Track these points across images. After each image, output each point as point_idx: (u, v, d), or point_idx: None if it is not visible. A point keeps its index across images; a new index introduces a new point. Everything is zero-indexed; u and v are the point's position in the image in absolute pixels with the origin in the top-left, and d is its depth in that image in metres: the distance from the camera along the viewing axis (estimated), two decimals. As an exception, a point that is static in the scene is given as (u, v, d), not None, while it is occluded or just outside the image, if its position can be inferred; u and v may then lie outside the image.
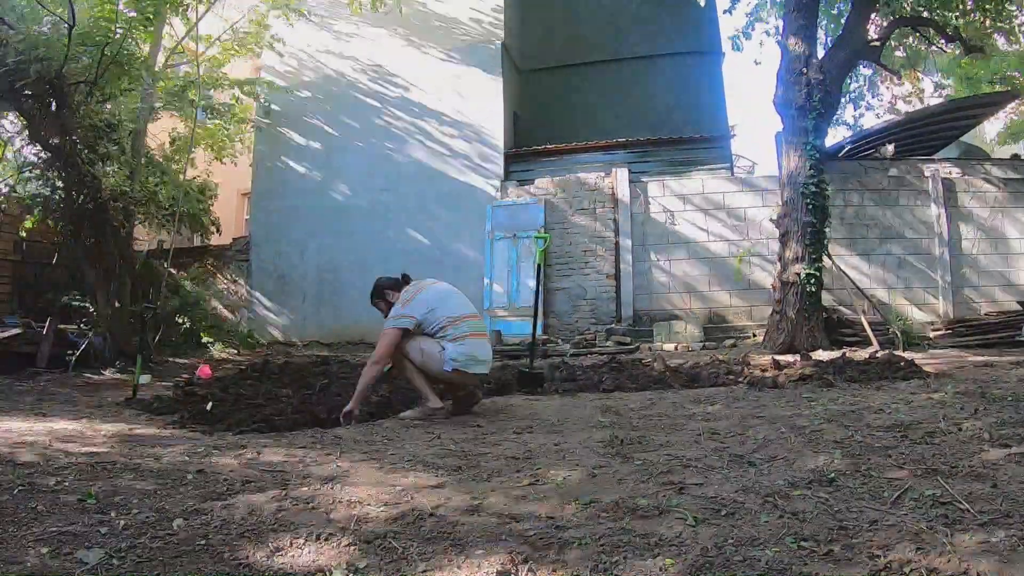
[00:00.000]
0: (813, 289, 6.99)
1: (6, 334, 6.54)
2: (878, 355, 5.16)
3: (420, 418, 3.81)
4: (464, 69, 10.70)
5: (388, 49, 11.08)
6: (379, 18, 10.90)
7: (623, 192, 9.43)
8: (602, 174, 9.71)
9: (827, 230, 7.32)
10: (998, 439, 2.49)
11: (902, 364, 4.67)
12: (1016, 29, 10.17)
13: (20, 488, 2.17)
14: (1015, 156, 9.67)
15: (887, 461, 2.32)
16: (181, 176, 9.79)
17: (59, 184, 7.35)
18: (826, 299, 7.57)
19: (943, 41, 9.24)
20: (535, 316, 5.62)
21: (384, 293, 4.08)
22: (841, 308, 7.95)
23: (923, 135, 9.36)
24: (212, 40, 10.19)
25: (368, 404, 4.11)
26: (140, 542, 1.78)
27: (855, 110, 11.85)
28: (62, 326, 7.03)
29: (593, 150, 10.36)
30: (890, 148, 8.85)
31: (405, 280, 4.12)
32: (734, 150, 12.30)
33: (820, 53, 7.77)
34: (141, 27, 6.98)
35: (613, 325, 9.03)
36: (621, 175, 9.51)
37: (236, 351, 9.35)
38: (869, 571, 1.48)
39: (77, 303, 7.75)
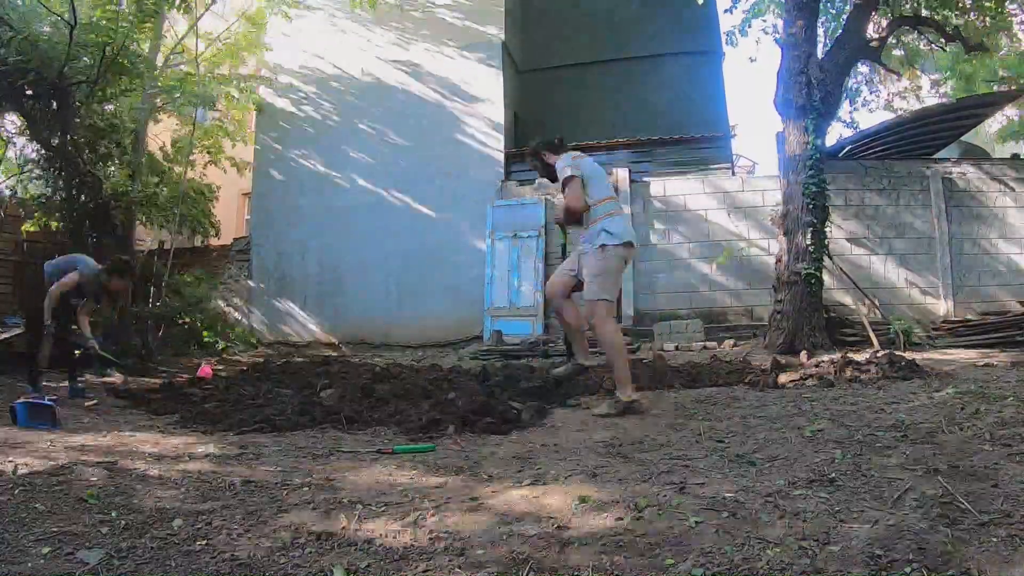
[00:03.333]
0: (814, 289, 6.98)
1: (7, 334, 6.54)
2: (879, 355, 5.15)
3: (610, 414, 3.68)
4: (464, 69, 10.70)
5: (388, 49, 11.08)
6: (379, 18, 10.91)
7: (623, 192, 9.40)
8: (602, 174, 9.70)
9: (827, 230, 7.32)
10: (998, 439, 2.49)
11: (903, 364, 4.66)
12: (1014, 27, 10.15)
13: (21, 488, 2.17)
14: (1015, 156, 9.66)
15: (887, 461, 2.32)
16: (182, 177, 9.79)
17: (60, 184, 7.36)
18: (827, 299, 7.56)
19: (943, 40, 9.22)
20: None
21: (541, 153, 4.22)
22: (842, 308, 7.94)
23: (923, 135, 9.34)
24: (212, 39, 10.21)
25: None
26: (140, 542, 1.79)
27: (851, 106, 11.84)
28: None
29: (593, 150, 10.32)
30: None
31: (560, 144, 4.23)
32: (734, 150, 12.29)
33: (820, 52, 7.76)
34: (143, 26, 6.98)
35: (613, 325, 9.02)
36: (621, 175, 9.50)
37: (237, 351, 9.36)
38: (870, 571, 1.48)
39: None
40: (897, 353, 5.30)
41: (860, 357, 5.16)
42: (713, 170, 9.74)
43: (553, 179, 4.15)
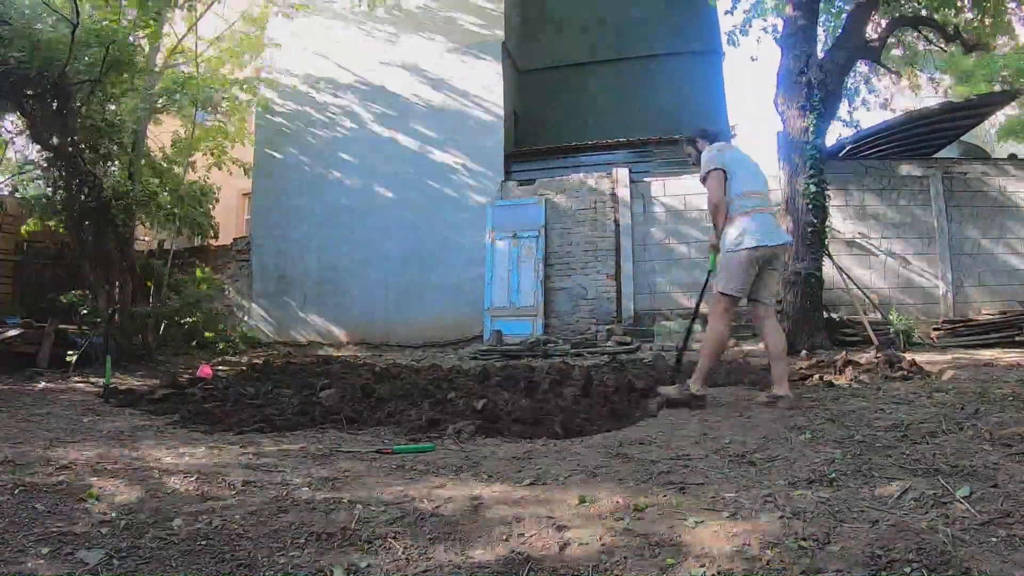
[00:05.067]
0: (814, 289, 6.99)
1: (7, 334, 6.54)
2: (879, 355, 5.16)
3: (678, 399, 3.77)
4: (464, 68, 10.70)
5: (388, 49, 11.08)
6: (379, 18, 10.91)
7: (623, 192, 9.42)
8: (603, 174, 9.70)
9: (827, 230, 7.32)
10: (998, 439, 2.49)
11: (903, 364, 4.67)
12: (1013, 28, 10.12)
13: (21, 488, 2.17)
14: (1013, 156, 9.66)
15: (887, 461, 2.32)
16: (182, 178, 9.79)
17: (60, 184, 7.36)
18: (827, 299, 7.57)
19: (943, 40, 9.23)
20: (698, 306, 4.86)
21: (695, 141, 4.36)
22: (842, 308, 7.95)
23: (923, 135, 9.35)
24: (213, 39, 10.20)
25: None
26: (140, 542, 1.79)
27: (850, 106, 11.83)
28: (63, 326, 7.03)
29: (593, 150, 10.35)
30: None
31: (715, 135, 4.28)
32: (734, 150, 12.27)
33: (820, 52, 7.76)
34: (144, 27, 6.97)
35: (613, 325, 9.03)
36: (621, 175, 9.51)
37: (237, 351, 9.36)
38: (870, 572, 1.48)
39: (78, 303, 7.75)
40: (897, 353, 5.30)
41: (860, 357, 5.16)
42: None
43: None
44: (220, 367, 7.20)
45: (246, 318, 10.80)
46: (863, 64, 10.65)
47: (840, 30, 8.41)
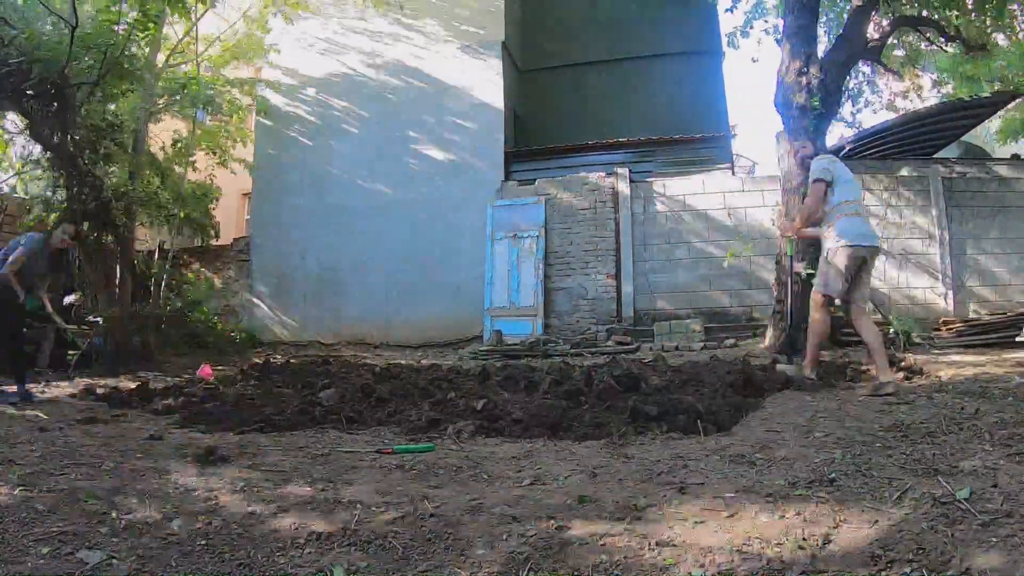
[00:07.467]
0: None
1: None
2: (879, 355, 5.14)
3: (795, 379, 4.22)
4: (464, 68, 10.70)
5: (388, 49, 11.08)
6: (379, 18, 10.91)
7: (623, 192, 9.42)
8: (603, 174, 9.70)
9: (828, 229, 7.30)
10: (998, 439, 2.49)
11: (903, 364, 4.67)
12: (1016, 27, 10.12)
13: (21, 488, 2.18)
14: (1015, 156, 9.66)
15: (887, 461, 2.32)
16: (183, 179, 9.79)
17: (61, 183, 7.36)
18: (827, 299, 7.55)
19: (944, 40, 9.22)
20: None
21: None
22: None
23: (923, 135, 9.34)
24: (213, 40, 10.21)
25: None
26: (140, 542, 1.79)
27: (853, 107, 11.81)
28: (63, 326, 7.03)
29: (593, 150, 10.35)
30: None
31: None
32: (734, 150, 12.28)
33: (820, 52, 7.75)
34: (144, 28, 6.97)
35: (613, 325, 9.02)
36: (622, 175, 9.50)
37: (237, 351, 9.36)
38: (870, 571, 1.48)
39: (77, 303, 7.75)
40: (897, 353, 5.30)
41: (860, 357, 5.16)
42: (713, 170, 9.74)
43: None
44: (220, 367, 7.21)
45: (246, 318, 10.80)
46: (865, 64, 10.64)
47: (841, 30, 8.40)
